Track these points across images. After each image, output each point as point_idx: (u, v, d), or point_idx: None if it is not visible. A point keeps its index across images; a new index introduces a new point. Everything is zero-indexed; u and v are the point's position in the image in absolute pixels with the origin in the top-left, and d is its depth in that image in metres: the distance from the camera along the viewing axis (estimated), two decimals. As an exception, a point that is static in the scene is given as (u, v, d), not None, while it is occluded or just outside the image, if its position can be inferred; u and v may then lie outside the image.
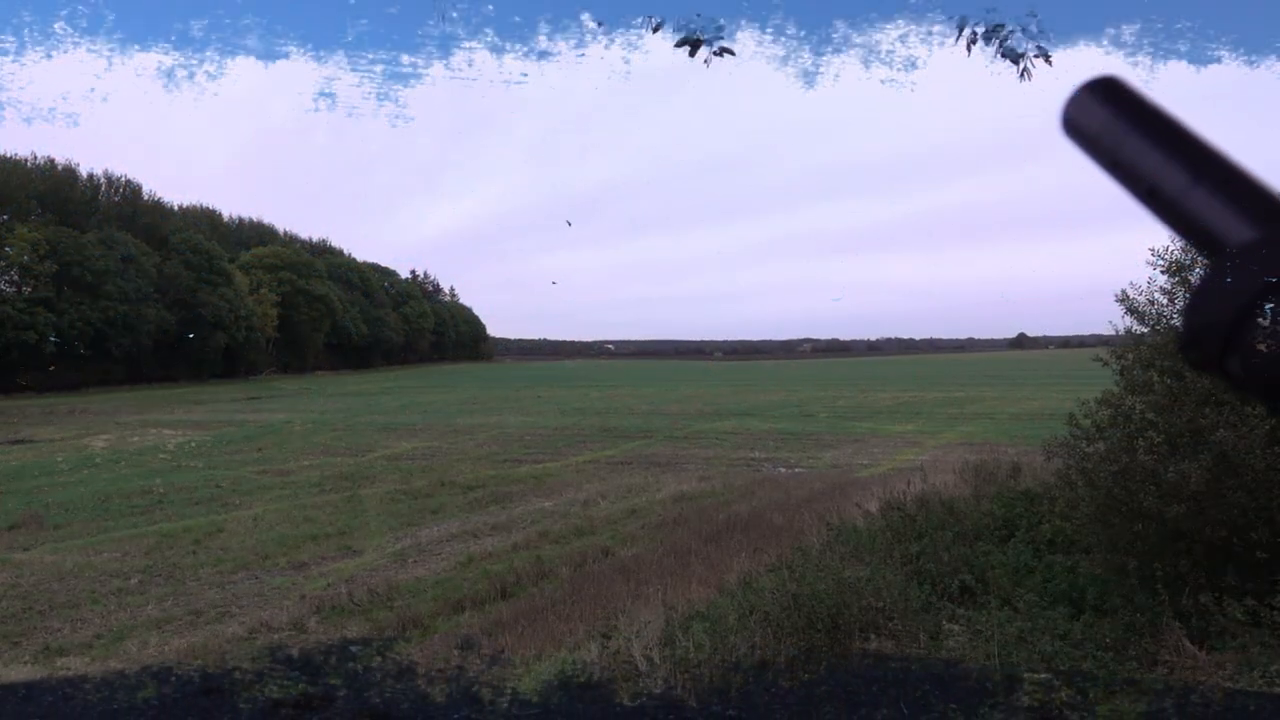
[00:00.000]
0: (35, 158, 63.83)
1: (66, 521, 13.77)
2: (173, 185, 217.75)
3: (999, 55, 3.74)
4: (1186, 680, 4.90)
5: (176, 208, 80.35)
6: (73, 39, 36.88)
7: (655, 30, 3.95)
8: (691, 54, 3.99)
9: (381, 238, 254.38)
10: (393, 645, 7.92)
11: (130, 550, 11.71)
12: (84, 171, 66.90)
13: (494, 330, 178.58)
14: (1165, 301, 6.61)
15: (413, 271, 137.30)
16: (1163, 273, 6.56)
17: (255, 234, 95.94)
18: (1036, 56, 3.72)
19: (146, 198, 71.80)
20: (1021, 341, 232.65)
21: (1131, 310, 6.78)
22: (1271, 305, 0.37)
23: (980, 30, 3.73)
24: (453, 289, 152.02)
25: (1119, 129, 0.47)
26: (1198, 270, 6.22)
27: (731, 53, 3.99)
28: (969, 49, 3.75)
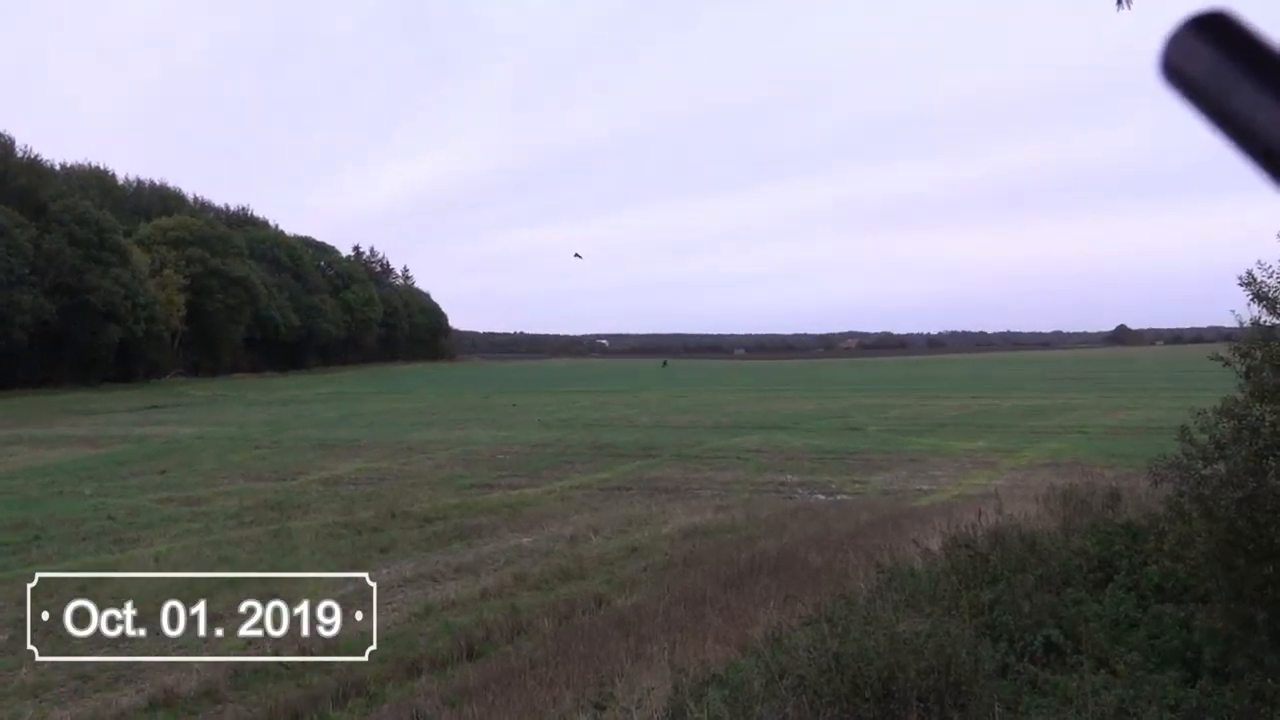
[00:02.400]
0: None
1: (-80, 562, 13.77)
2: (54, 140, 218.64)
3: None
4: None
5: (58, 167, 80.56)
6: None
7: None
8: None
9: (317, 206, 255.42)
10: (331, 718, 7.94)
11: None
12: (-59, 122, 67.19)
13: (458, 322, 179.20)
14: (1303, 286, 6.60)
15: (356, 248, 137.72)
16: (1301, 250, 6.54)
17: (158, 201, 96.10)
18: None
19: (20, 155, 71.94)
20: (1122, 336, 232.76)
21: (1259, 297, 6.75)
22: None
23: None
24: (406, 270, 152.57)
25: (1229, 75, 0.46)
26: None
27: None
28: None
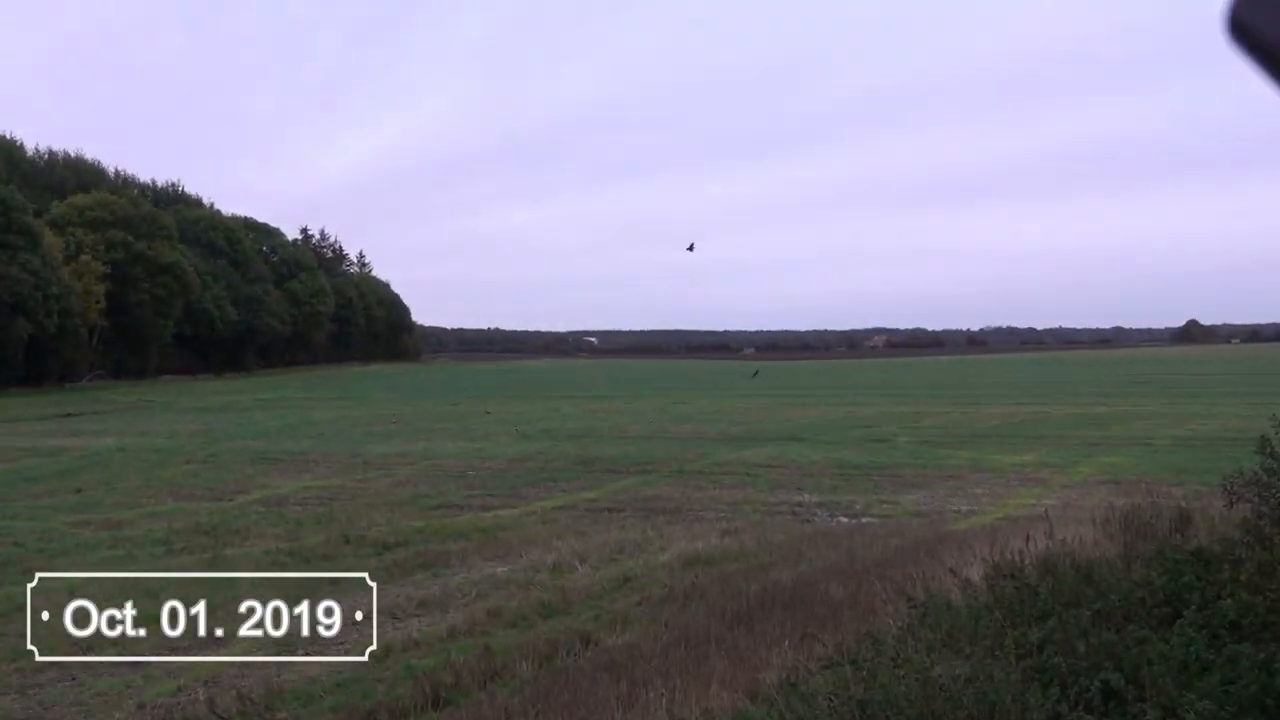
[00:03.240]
0: None
1: None
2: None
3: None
4: None
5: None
6: None
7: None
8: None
9: (258, 182, 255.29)
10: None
11: (-112, 638, 11.65)
12: None
13: (423, 317, 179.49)
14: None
15: (304, 231, 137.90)
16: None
17: (73, 175, 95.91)
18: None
19: (-87, 122, 71.72)
20: (1192, 332, 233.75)
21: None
22: None
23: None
24: (362, 256, 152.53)
25: None
26: None
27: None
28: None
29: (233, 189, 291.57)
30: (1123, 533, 11.47)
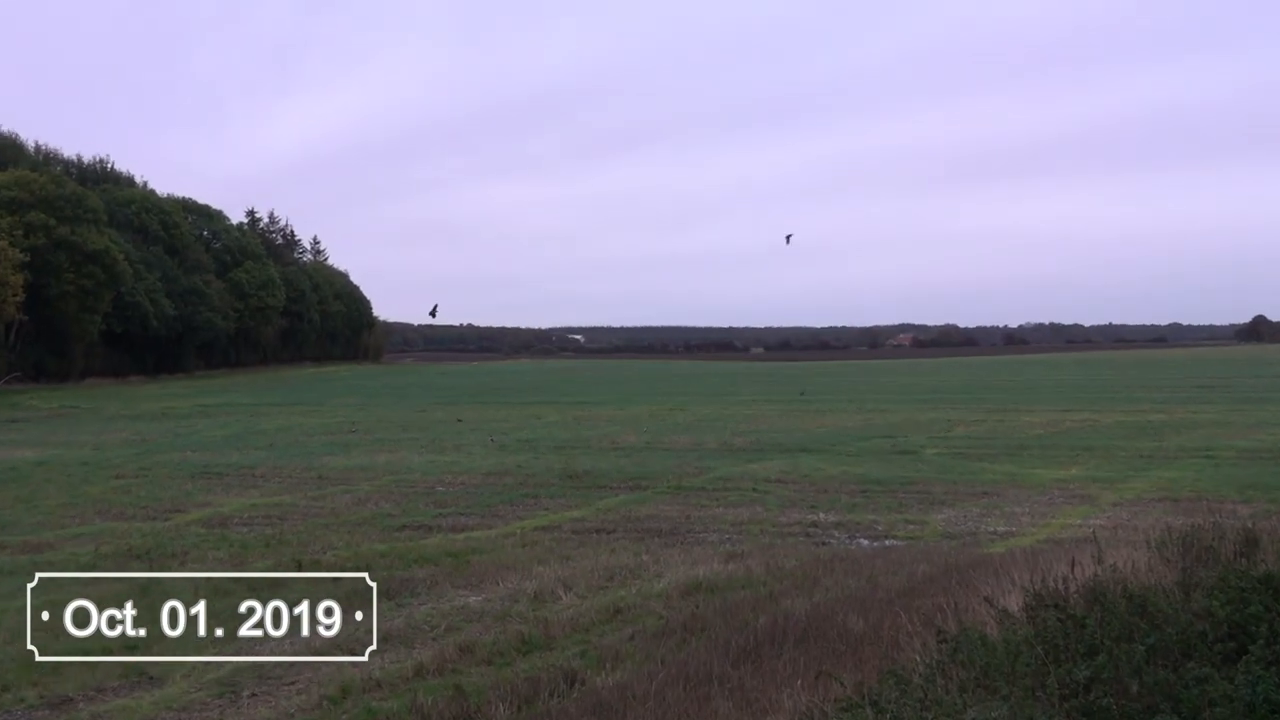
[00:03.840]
0: None
1: None
2: None
3: None
4: None
5: None
6: None
7: None
8: None
9: (198, 158, 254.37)
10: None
11: None
12: None
13: (386, 311, 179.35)
14: None
15: (251, 214, 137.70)
16: None
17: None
18: None
19: None
20: (1259, 329, 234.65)
21: None
22: None
23: None
24: (317, 242, 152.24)
25: None
26: None
27: None
28: None
29: (169, 166, 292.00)
30: (1181, 557, 11.46)
